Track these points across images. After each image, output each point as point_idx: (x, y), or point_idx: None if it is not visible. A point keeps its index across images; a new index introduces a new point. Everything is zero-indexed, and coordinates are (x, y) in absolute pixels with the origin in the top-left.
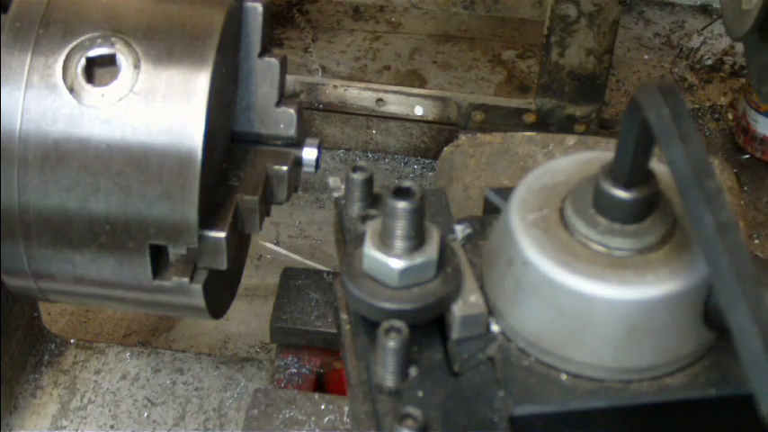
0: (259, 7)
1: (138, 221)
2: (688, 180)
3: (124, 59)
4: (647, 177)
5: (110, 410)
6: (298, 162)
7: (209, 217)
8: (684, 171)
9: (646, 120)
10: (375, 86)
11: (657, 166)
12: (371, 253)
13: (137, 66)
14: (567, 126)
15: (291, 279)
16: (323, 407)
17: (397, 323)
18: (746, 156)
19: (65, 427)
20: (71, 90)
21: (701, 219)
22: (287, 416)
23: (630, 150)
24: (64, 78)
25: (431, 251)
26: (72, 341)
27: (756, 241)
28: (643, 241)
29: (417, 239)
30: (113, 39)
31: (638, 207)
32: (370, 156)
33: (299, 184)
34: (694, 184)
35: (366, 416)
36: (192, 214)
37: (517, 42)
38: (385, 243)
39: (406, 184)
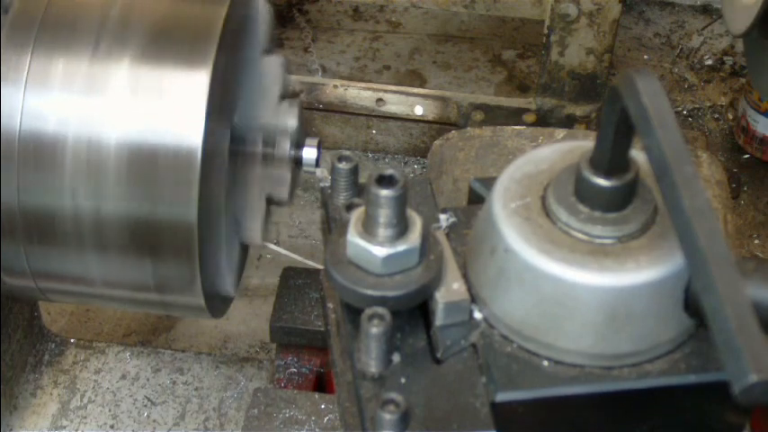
0: (263, 3)
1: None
2: (664, 166)
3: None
4: (628, 166)
5: (110, 410)
6: (298, 162)
7: None
8: (661, 157)
9: (625, 108)
10: (375, 86)
11: (638, 155)
12: (355, 240)
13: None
14: (567, 125)
15: (291, 279)
16: (323, 406)
17: (381, 310)
18: (746, 155)
19: (65, 427)
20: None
21: (677, 203)
22: (287, 415)
23: (610, 139)
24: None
25: (414, 239)
26: (72, 341)
27: (756, 241)
28: (624, 229)
29: (400, 227)
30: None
31: (619, 195)
32: (370, 155)
33: (299, 183)
34: (670, 170)
35: (350, 402)
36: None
37: (517, 42)
38: (368, 231)
39: (389, 172)
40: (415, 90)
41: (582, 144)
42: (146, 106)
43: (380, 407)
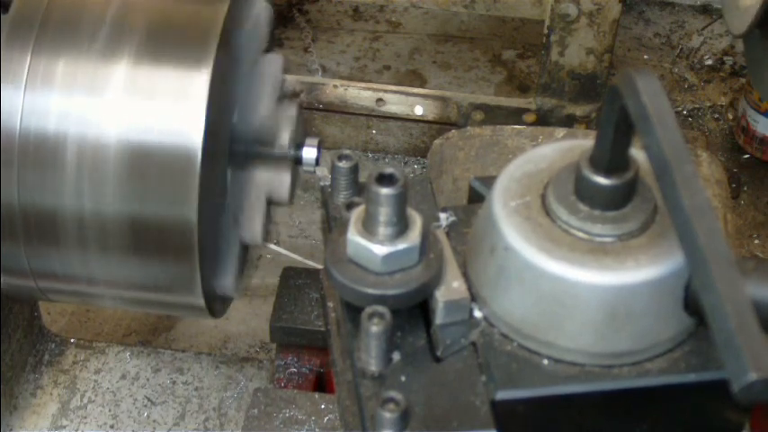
0: (263, 3)
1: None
2: (664, 164)
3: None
4: (627, 164)
5: (110, 410)
6: (298, 162)
7: None
8: (660, 156)
9: (625, 106)
10: (375, 86)
11: (638, 153)
12: (355, 239)
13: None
14: (567, 125)
15: (291, 278)
16: (323, 406)
17: (381, 308)
18: (746, 155)
19: (65, 427)
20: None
21: (677, 202)
22: (287, 415)
23: (610, 137)
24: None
25: (414, 237)
26: (72, 341)
27: (756, 241)
28: (623, 228)
29: (400, 226)
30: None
31: (618, 193)
32: (370, 155)
33: (299, 183)
34: (670, 168)
35: (350, 401)
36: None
37: (517, 42)
38: (369, 229)
39: (389, 170)
40: (415, 90)
41: (582, 143)
42: (146, 105)
43: (380, 405)
